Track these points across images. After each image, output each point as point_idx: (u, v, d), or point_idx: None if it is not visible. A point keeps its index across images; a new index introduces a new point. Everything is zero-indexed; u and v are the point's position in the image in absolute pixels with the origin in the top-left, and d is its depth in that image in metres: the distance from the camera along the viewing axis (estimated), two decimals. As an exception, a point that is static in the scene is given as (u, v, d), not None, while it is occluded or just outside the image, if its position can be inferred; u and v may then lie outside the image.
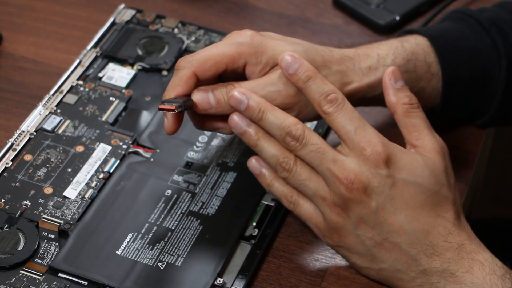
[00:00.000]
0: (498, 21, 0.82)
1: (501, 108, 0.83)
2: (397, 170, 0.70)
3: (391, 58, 0.79)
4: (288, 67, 0.72)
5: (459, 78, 0.81)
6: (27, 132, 0.83)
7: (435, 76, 0.81)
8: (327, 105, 0.71)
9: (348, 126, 0.71)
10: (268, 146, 0.73)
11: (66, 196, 0.79)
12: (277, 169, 0.73)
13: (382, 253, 0.71)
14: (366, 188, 0.70)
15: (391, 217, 0.70)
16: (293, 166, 0.72)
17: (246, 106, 0.72)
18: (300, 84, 0.72)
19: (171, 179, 0.80)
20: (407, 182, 0.70)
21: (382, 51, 0.80)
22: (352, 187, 0.69)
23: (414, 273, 0.71)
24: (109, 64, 0.90)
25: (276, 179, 0.75)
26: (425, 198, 0.71)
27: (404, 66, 0.80)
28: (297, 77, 0.72)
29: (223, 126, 0.76)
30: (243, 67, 0.75)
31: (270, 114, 0.72)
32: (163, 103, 0.72)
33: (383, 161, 0.70)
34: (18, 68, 0.91)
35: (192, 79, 0.74)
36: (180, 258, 0.75)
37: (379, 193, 0.70)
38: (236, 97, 0.72)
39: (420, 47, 0.81)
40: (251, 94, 0.72)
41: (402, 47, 0.80)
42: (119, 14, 0.95)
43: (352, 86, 0.77)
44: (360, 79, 0.78)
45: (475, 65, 0.82)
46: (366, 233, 0.71)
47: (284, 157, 0.72)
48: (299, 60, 0.72)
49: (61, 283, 0.73)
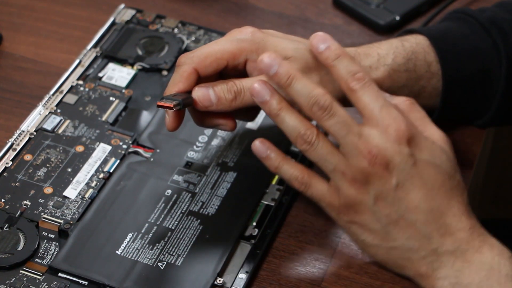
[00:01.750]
0: (498, 21, 0.83)
1: (501, 108, 0.83)
2: (418, 150, 0.70)
3: (391, 58, 0.79)
4: (318, 46, 0.71)
5: (459, 78, 0.82)
6: (27, 132, 0.83)
7: (435, 76, 0.81)
8: (355, 82, 0.70)
9: (374, 103, 0.70)
10: (290, 118, 0.71)
11: (66, 196, 0.79)
12: (297, 141, 0.71)
13: (396, 231, 0.71)
14: (388, 164, 0.70)
15: (409, 195, 0.70)
16: (316, 139, 0.71)
17: (276, 71, 0.70)
18: (329, 61, 0.71)
19: (171, 179, 0.80)
20: (428, 162, 0.71)
21: (382, 50, 0.80)
22: (375, 161, 0.69)
23: (424, 252, 0.71)
24: (109, 64, 0.90)
25: (285, 161, 0.73)
26: (442, 180, 0.71)
27: (404, 65, 0.80)
28: (327, 55, 0.71)
29: (224, 123, 0.76)
30: (244, 64, 0.75)
31: (299, 82, 0.70)
32: (161, 100, 0.72)
33: (406, 140, 0.70)
34: (18, 68, 0.91)
35: (193, 76, 0.74)
36: (180, 258, 0.75)
37: (400, 170, 0.70)
38: (266, 62, 0.70)
39: (420, 46, 0.81)
40: (281, 60, 0.70)
41: (402, 47, 0.80)
42: (119, 14, 0.95)
43: None
44: None
45: (475, 65, 0.82)
46: (384, 209, 0.71)
47: (306, 129, 0.71)
48: (330, 39, 0.72)
49: (61, 283, 0.73)
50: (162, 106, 0.71)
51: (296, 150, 0.83)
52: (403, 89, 0.80)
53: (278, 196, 0.80)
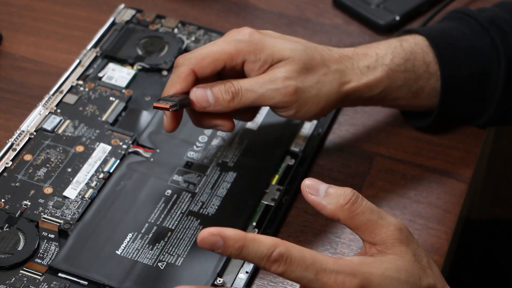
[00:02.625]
0: (497, 20, 0.82)
1: (501, 108, 0.83)
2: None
3: (390, 58, 0.79)
4: (213, 247, 0.61)
5: (458, 77, 0.81)
6: (27, 132, 0.83)
7: (433, 75, 0.81)
8: (274, 266, 0.62)
9: (307, 276, 0.62)
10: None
11: (66, 196, 0.79)
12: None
13: None
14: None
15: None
16: None
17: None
18: (234, 257, 0.62)
19: (171, 179, 0.80)
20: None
21: (381, 50, 0.80)
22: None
23: None
24: (109, 64, 0.90)
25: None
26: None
27: (403, 65, 0.80)
28: (229, 252, 0.61)
29: (222, 123, 0.76)
30: (242, 65, 0.75)
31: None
32: (158, 101, 0.72)
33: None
34: (18, 68, 0.92)
35: (190, 76, 0.74)
36: (180, 258, 0.75)
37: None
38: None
39: (419, 47, 0.81)
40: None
41: (401, 47, 0.80)
42: (119, 14, 0.95)
43: (350, 85, 0.77)
44: (358, 79, 0.78)
45: (474, 65, 0.82)
46: None
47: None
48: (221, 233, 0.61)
49: (61, 283, 0.73)
50: (158, 107, 0.71)
51: (296, 150, 0.83)
52: (401, 89, 0.80)
53: (278, 196, 0.80)
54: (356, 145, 0.86)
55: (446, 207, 0.81)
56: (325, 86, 0.76)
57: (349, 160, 0.84)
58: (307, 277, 0.62)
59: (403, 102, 0.82)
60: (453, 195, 0.82)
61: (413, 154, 0.85)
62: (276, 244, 0.62)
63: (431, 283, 0.66)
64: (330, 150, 0.85)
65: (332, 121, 0.87)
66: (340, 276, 0.62)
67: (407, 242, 0.66)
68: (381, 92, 0.79)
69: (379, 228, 0.65)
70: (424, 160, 0.85)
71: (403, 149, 0.85)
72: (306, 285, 0.63)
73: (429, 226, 0.79)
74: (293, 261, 0.62)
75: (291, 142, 0.84)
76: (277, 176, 0.81)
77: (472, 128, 0.87)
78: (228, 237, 0.61)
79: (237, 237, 0.61)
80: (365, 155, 0.85)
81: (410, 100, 0.82)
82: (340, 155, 0.85)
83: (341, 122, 0.87)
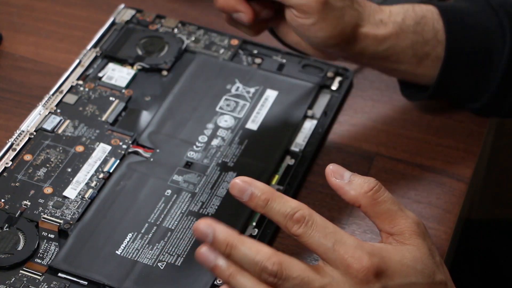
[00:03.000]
0: (507, 4, 0.83)
1: (499, 93, 0.83)
2: (389, 278, 0.63)
3: (401, 17, 0.81)
4: (240, 197, 0.63)
5: (462, 50, 0.82)
6: (27, 132, 0.83)
7: (440, 43, 0.82)
8: (295, 227, 0.62)
9: (324, 243, 0.62)
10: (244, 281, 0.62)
11: (66, 196, 0.79)
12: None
13: None
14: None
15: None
16: None
17: (211, 241, 0.62)
18: (259, 209, 0.63)
19: (171, 179, 0.80)
20: (402, 285, 0.64)
21: (394, 9, 0.81)
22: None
23: None
24: (109, 64, 0.90)
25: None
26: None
27: (413, 26, 0.81)
28: (254, 204, 0.63)
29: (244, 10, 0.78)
30: None
31: (238, 250, 0.61)
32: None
33: (373, 275, 0.62)
34: (18, 68, 0.92)
35: None
36: (180, 258, 0.75)
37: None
38: (200, 230, 0.62)
39: (430, 13, 0.82)
40: (216, 226, 0.62)
41: (413, 11, 0.82)
42: (119, 14, 0.95)
43: (363, 30, 0.79)
44: (370, 28, 0.79)
45: (479, 41, 0.83)
46: None
47: None
48: (252, 182, 0.63)
49: (61, 283, 0.73)
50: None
51: (296, 150, 0.83)
52: (407, 51, 0.81)
53: (278, 196, 0.79)
54: (356, 145, 0.86)
55: (446, 207, 0.81)
56: (346, 15, 0.78)
57: (349, 160, 0.84)
58: (325, 244, 0.62)
59: (404, 68, 0.83)
60: (453, 195, 0.82)
61: (413, 154, 0.85)
62: (301, 206, 0.62)
63: (443, 279, 0.66)
64: (330, 150, 0.85)
65: (332, 121, 0.87)
66: (358, 251, 0.62)
67: (423, 237, 0.66)
68: (386, 49, 0.80)
69: (399, 219, 0.65)
70: (424, 160, 0.85)
71: (403, 149, 0.85)
72: (323, 254, 0.62)
73: (429, 226, 0.79)
74: (314, 225, 0.62)
75: (291, 142, 0.84)
76: (277, 176, 0.81)
77: (472, 128, 0.87)
78: (257, 187, 0.63)
79: (266, 189, 0.63)
80: (365, 155, 0.85)
81: (412, 66, 0.82)
82: (340, 155, 0.85)
83: (341, 122, 0.87)
